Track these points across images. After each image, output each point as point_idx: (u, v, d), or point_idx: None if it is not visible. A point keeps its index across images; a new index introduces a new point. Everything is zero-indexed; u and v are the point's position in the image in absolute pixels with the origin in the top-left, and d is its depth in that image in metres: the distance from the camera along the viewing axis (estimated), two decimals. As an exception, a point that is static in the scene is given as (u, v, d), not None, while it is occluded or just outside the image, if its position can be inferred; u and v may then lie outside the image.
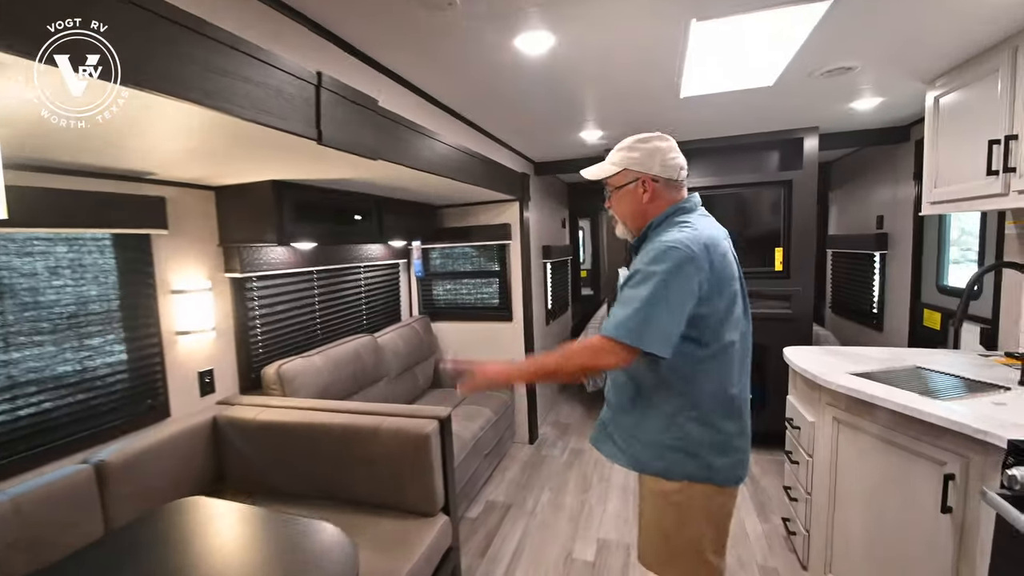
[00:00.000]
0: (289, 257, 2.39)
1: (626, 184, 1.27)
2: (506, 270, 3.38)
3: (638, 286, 1.11)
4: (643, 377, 1.22)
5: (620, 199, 1.30)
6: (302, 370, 2.25)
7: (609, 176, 1.31)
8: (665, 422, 1.20)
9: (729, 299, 1.19)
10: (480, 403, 2.99)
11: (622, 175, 1.28)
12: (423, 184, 2.46)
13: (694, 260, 1.11)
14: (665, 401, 1.20)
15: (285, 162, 1.68)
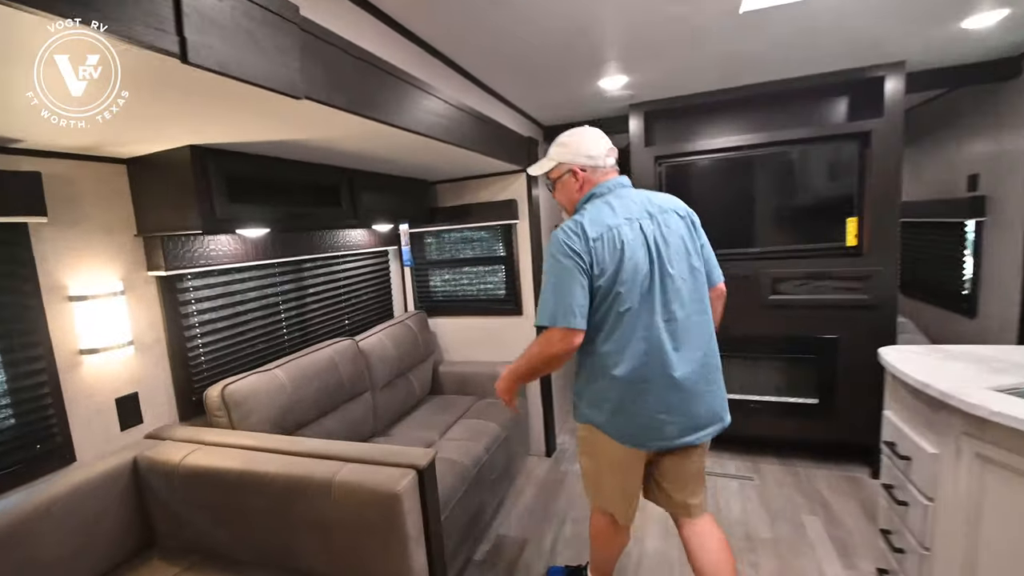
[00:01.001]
0: (237, 248, 1.91)
1: (561, 176, 1.47)
2: (513, 255, 2.86)
3: (546, 274, 1.33)
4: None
5: (559, 191, 1.50)
6: (255, 390, 1.78)
7: (548, 170, 1.50)
8: (584, 378, 1.42)
9: (618, 272, 1.29)
10: (486, 416, 2.51)
11: (557, 169, 1.47)
12: (410, 152, 1.97)
13: (569, 244, 1.30)
14: (584, 361, 1.40)
15: (198, 116, 1.19)
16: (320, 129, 1.46)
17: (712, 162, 2.72)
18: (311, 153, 1.82)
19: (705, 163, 2.74)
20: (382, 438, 2.33)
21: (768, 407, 2.74)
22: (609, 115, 2.95)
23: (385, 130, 1.52)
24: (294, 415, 1.90)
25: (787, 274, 2.60)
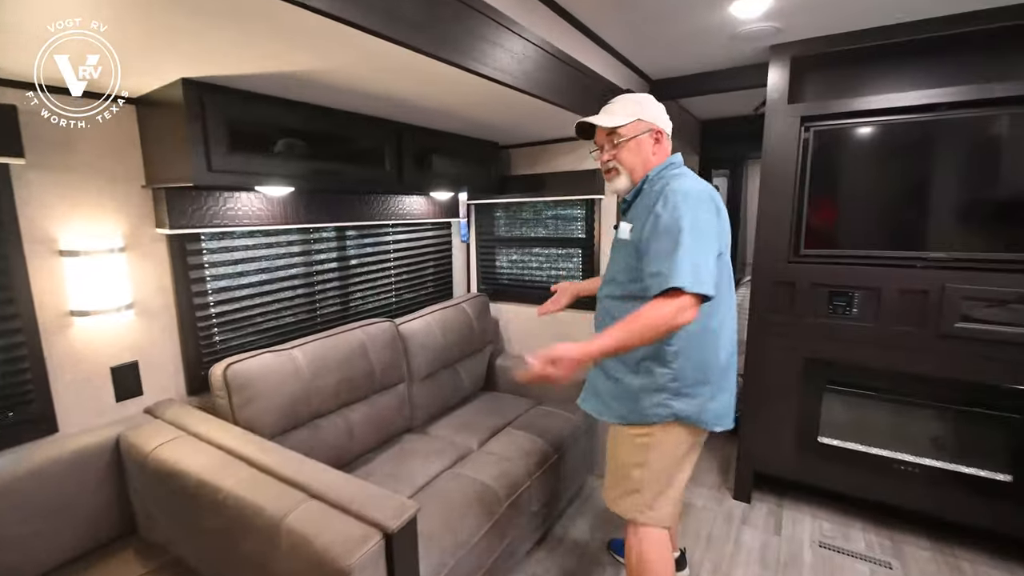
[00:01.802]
0: (263, 209, 1.67)
1: (638, 135, 1.32)
2: (594, 238, 2.36)
3: (681, 231, 1.12)
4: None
5: (631, 149, 1.32)
6: (263, 371, 1.55)
7: (622, 125, 1.32)
8: (681, 363, 1.26)
9: (720, 250, 1.23)
10: (539, 428, 2.09)
11: (634, 125, 1.32)
12: (477, 103, 1.64)
13: (715, 201, 1.24)
14: (686, 342, 1.25)
15: (193, 36, 0.92)
16: (350, 60, 1.14)
17: (879, 129, 1.94)
18: (344, 98, 1.50)
19: (868, 130, 1.97)
20: (414, 436, 2.04)
21: (927, 473, 1.98)
22: (741, 62, 2.26)
23: (444, 71, 1.24)
24: (309, 404, 1.65)
25: (981, 293, 1.80)
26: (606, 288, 1.39)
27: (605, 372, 1.37)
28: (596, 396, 1.41)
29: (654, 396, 1.27)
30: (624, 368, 1.31)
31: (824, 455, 2.16)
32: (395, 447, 1.94)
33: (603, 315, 1.39)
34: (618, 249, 1.35)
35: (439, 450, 1.90)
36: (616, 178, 1.34)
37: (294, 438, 1.63)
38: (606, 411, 1.38)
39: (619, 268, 1.33)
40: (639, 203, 1.30)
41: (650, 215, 1.20)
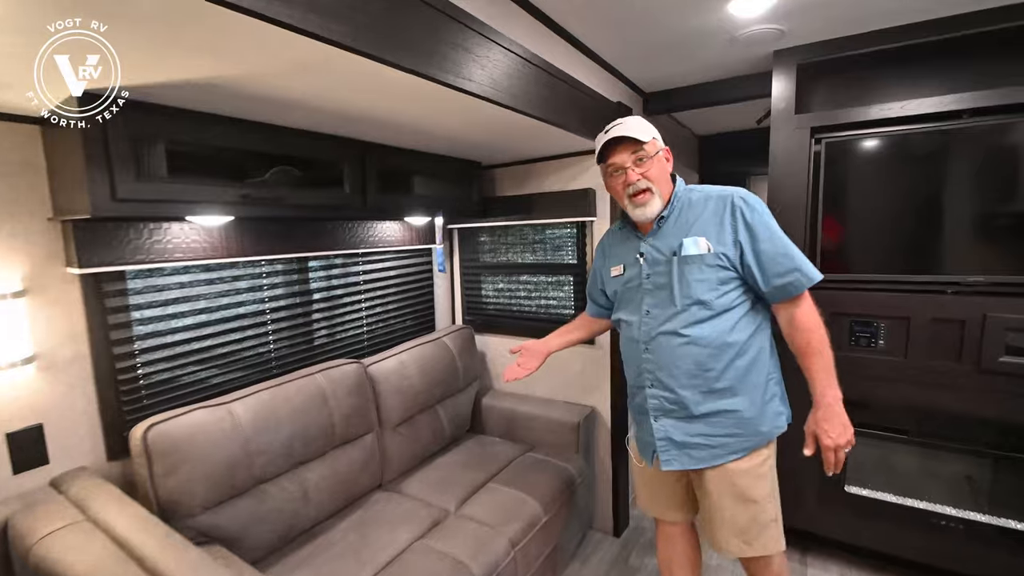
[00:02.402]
0: (202, 240, 1.45)
1: (657, 152, 1.28)
2: (586, 264, 2.14)
3: (780, 233, 1.21)
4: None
5: (655, 167, 1.27)
6: (193, 432, 1.31)
7: (649, 140, 1.26)
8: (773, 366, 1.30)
9: None
10: (528, 483, 1.84)
11: (653, 143, 1.28)
12: (452, 120, 1.50)
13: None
14: (768, 346, 1.30)
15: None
16: (273, 65, 0.94)
17: (898, 139, 1.74)
18: (288, 114, 1.30)
19: (886, 140, 1.76)
20: (385, 495, 1.78)
21: (968, 528, 1.72)
22: (742, 71, 2.08)
23: (411, 84, 1.08)
24: (250, 468, 1.41)
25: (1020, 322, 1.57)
26: (680, 318, 1.23)
27: (698, 414, 1.24)
28: (694, 447, 1.26)
29: (769, 406, 1.25)
30: (725, 394, 1.23)
31: (852, 506, 1.90)
32: (360, 510, 1.68)
33: (680, 354, 1.24)
34: (685, 270, 1.23)
35: (410, 514, 1.65)
36: (651, 200, 1.25)
37: (232, 510, 1.38)
38: (715, 454, 1.25)
39: (702, 288, 1.21)
40: (678, 220, 1.27)
41: (722, 224, 1.21)
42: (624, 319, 1.36)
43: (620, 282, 1.37)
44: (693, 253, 1.21)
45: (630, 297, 1.34)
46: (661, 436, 1.29)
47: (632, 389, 1.39)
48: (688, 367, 1.23)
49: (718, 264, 1.20)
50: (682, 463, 1.28)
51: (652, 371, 1.28)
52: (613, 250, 1.44)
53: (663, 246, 1.27)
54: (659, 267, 1.27)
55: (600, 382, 2.17)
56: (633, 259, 1.33)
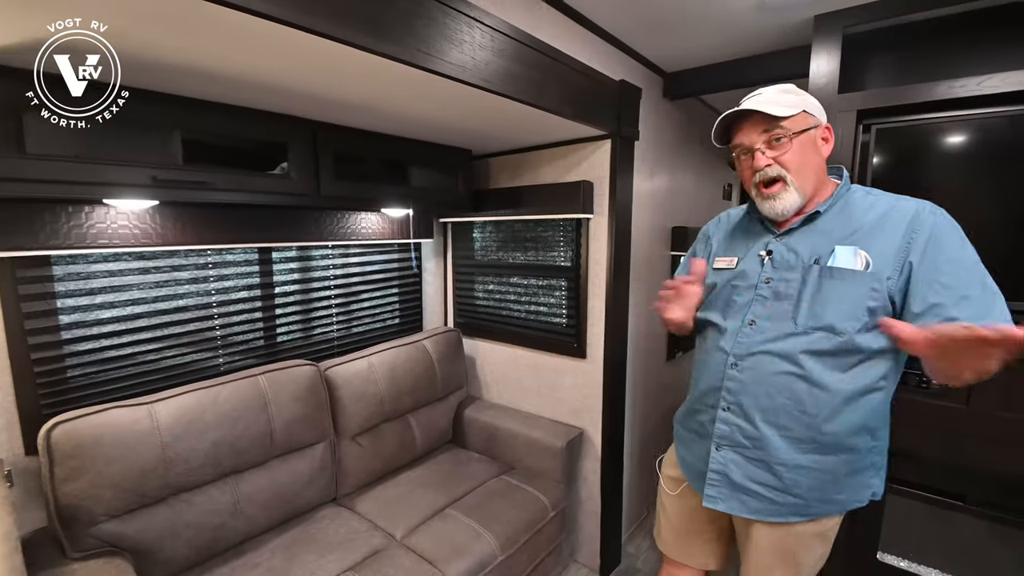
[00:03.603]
0: (134, 226, 1.35)
1: (808, 130, 0.99)
2: (581, 267, 1.88)
3: (983, 270, 0.90)
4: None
5: (797, 150, 0.98)
6: (103, 433, 1.21)
7: (789, 116, 0.97)
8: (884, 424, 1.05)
9: None
10: (494, 511, 1.63)
11: (804, 118, 0.99)
12: (432, 103, 1.37)
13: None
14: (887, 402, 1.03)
15: None
16: (215, 41, 0.87)
17: (973, 125, 1.36)
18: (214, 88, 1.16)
19: (956, 127, 1.39)
20: (334, 511, 1.63)
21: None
22: (776, 44, 1.75)
23: (364, 61, 0.99)
24: (167, 476, 1.29)
25: None
26: (791, 343, 0.97)
27: (773, 461, 1.00)
28: (751, 495, 1.03)
29: (860, 476, 1.01)
30: (817, 450, 0.97)
31: (886, 580, 1.55)
32: (301, 527, 1.54)
33: (780, 385, 0.98)
34: (826, 285, 0.96)
35: (351, 538, 1.49)
36: (782, 193, 0.98)
37: (143, 520, 1.27)
38: (774, 511, 1.02)
39: (841, 312, 0.94)
40: (834, 221, 0.99)
41: (895, 238, 0.92)
42: (714, 322, 1.10)
43: (725, 277, 1.10)
44: (847, 267, 0.94)
45: (732, 299, 1.07)
46: (717, 468, 1.06)
47: (695, 404, 1.14)
48: (785, 403, 0.97)
49: (873, 288, 0.92)
50: (729, 507, 1.06)
51: (735, 393, 1.03)
52: (728, 236, 1.17)
53: (803, 248, 0.99)
54: (789, 273, 1.00)
55: (593, 401, 1.91)
56: (754, 255, 1.06)
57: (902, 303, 0.91)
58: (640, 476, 2.22)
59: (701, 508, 1.14)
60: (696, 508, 1.17)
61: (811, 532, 1.03)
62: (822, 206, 1.00)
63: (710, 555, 1.24)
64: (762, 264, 1.04)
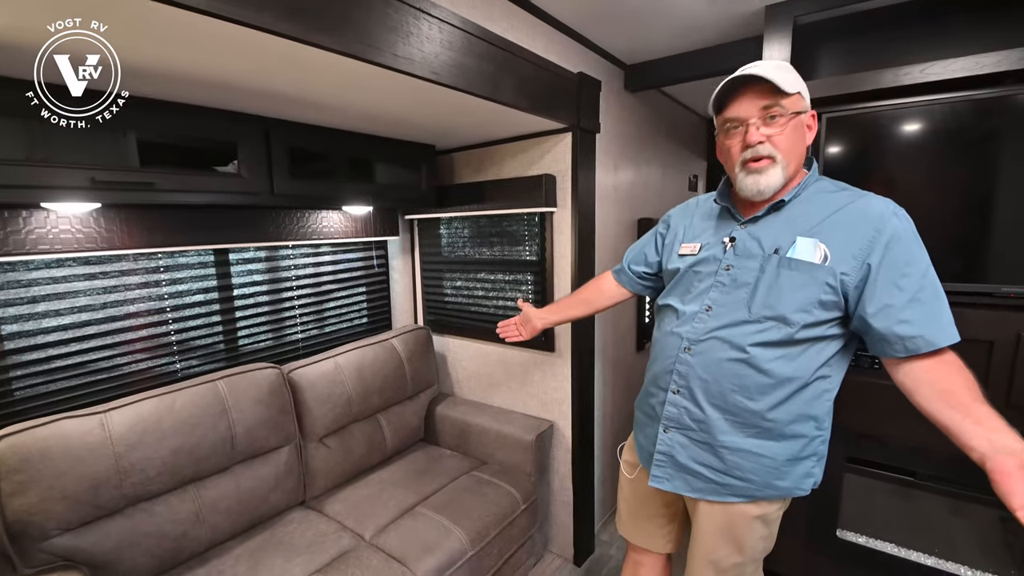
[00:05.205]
0: (79, 230, 1.30)
1: (800, 114, 0.97)
2: (545, 260, 1.89)
3: (928, 276, 0.91)
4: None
5: (794, 131, 0.97)
6: (52, 446, 1.17)
7: (793, 94, 0.95)
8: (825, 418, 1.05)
9: None
10: (463, 508, 1.63)
11: (798, 99, 0.97)
12: (383, 97, 1.34)
13: None
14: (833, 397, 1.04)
15: None
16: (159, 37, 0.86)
17: (921, 112, 1.40)
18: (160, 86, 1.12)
19: (905, 114, 1.43)
20: (302, 514, 1.61)
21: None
22: (732, 35, 1.76)
23: (316, 58, 1.00)
24: (122, 487, 1.25)
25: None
26: (742, 330, 0.99)
27: (716, 443, 1.02)
28: (695, 475, 1.06)
29: (802, 464, 1.02)
30: (760, 435, 1.00)
31: (845, 555, 1.60)
32: (267, 532, 1.52)
33: (728, 371, 1.00)
34: (784, 275, 0.96)
35: (319, 540, 1.47)
36: (769, 169, 0.96)
37: (99, 532, 1.24)
38: (716, 490, 1.05)
39: (793, 303, 0.95)
40: (797, 212, 1.00)
41: (856, 235, 0.93)
42: (674, 307, 1.11)
43: (688, 262, 1.11)
44: (804, 259, 0.94)
45: (693, 285, 1.08)
46: (663, 450, 1.10)
47: (649, 388, 1.16)
48: (731, 387, 1.00)
49: (827, 283, 0.92)
50: (674, 486, 1.09)
51: (685, 376, 1.05)
52: (694, 222, 1.17)
53: (765, 238, 1.00)
54: (748, 262, 1.01)
55: (562, 394, 1.92)
56: (717, 241, 1.07)
57: (856, 301, 0.93)
58: (612, 466, 2.25)
59: (656, 492, 1.17)
60: (651, 492, 1.20)
61: (753, 514, 1.05)
62: (788, 195, 1.00)
63: (667, 538, 1.27)
64: (724, 251, 1.05)
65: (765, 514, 1.05)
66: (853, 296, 0.93)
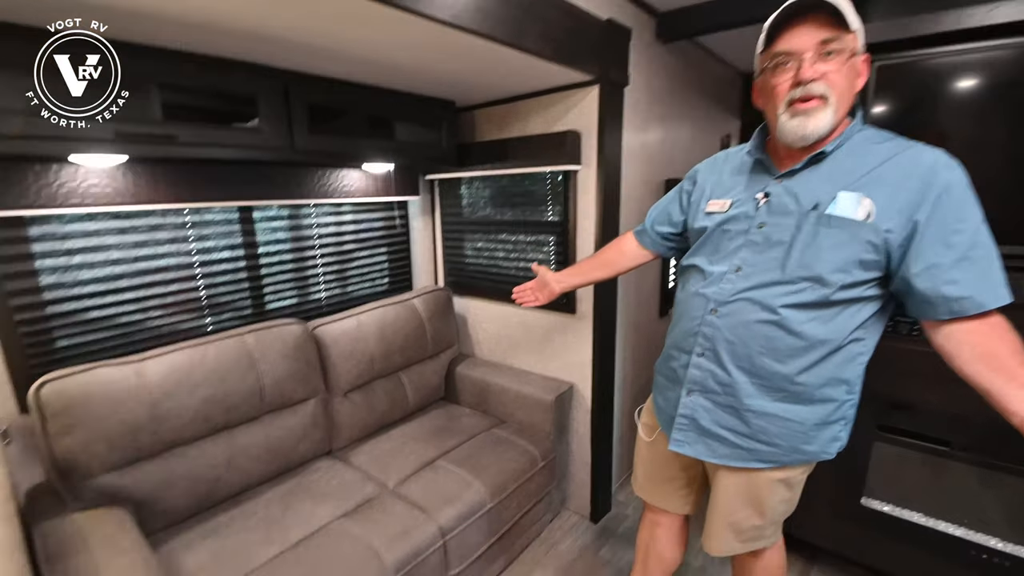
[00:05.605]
0: (108, 184, 1.32)
1: (856, 54, 0.88)
2: (568, 221, 1.84)
3: (982, 232, 0.83)
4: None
5: (844, 71, 0.87)
6: (92, 391, 1.23)
7: (855, 30, 0.86)
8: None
9: None
10: (482, 463, 1.67)
11: (855, 38, 0.87)
12: (404, 46, 1.27)
13: None
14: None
15: None
16: None
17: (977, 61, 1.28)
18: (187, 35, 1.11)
19: (965, 62, 1.30)
20: (329, 463, 1.67)
21: (1018, 567, 1.37)
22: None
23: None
24: (159, 432, 1.32)
25: None
26: (774, 291, 0.94)
27: (742, 407, 1.00)
28: (718, 440, 1.05)
29: (830, 428, 0.99)
30: (788, 399, 0.97)
31: (869, 523, 1.58)
32: (296, 478, 1.59)
33: (757, 333, 0.96)
34: (822, 233, 0.90)
35: (345, 488, 1.53)
36: (818, 112, 0.87)
37: (139, 473, 1.31)
38: (739, 456, 1.03)
39: (832, 263, 0.89)
40: (840, 164, 0.92)
41: (904, 188, 0.85)
42: (700, 267, 1.06)
43: (716, 220, 1.04)
44: (845, 215, 0.87)
45: (722, 244, 1.03)
46: (685, 413, 1.08)
47: (670, 351, 1.13)
48: (759, 350, 0.96)
49: (869, 241, 0.86)
50: (695, 451, 1.08)
51: (710, 338, 1.01)
52: (723, 178, 1.10)
53: (803, 193, 0.93)
54: (783, 219, 0.94)
55: (582, 356, 1.92)
56: (749, 198, 1.01)
57: (899, 260, 0.87)
58: (630, 428, 2.25)
59: (674, 455, 1.16)
60: (669, 455, 1.19)
61: (776, 477, 1.04)
62: (830, 145, 0.92)
63: (684, 500, 1.27)
64: (757, 208, 0.99)
65: (789, 477, 1.04)
66: (897, 255, 0.87)
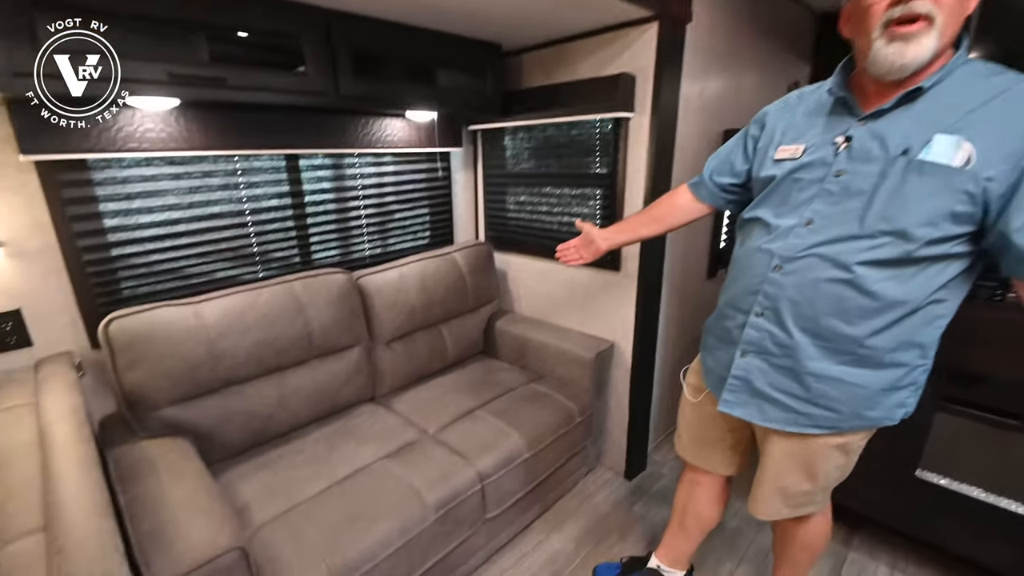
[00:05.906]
0: (162, 129, 1.35)
1: None
2: (617, 173, 1.76)
3: None
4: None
5: None
6: (155, 329, 1.30)
7: None
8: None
9: None
10: (521, 415, 1.68)
11: None
12: None
13: None
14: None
15: None
16: None
17: None
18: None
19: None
20: (372, 408, 1.74)
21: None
22: None
23: None
24: (216, 370, 1.39)
25: None
26: (849, 246, 0.86)
27: (802, 370, 0.94)
28: (772, 403, 1.00)
29: (898, 394, 0.93)
30: (854, 362, 0.90)
31: (921, 495, 1.52)
32: (341, 420, 1.66)
33: (826, 292, 0.88)
34: (911, 181, 0.80)
35: (387, 432, 1.59)
36: (921, 35, 0.76)
37: (199, 407, 1.39)
38: (795, 420, 0.98)
39: (920, 215, 0.80)
40: (937, 102, 0.80)
41: (1012, 128, 0.74)
42: (764, 220, 0.97)
43: (786, 168, 0.95)
44: (940, 161, 0.77)
45: (791, 195, 0.93)
46: (739, 374, 1.02)
47: (725, 310, 1.07)
48: (826, 310, 0.88)
49: (966, 191, 0.76)
50: (747, 413, 1.03)
51: (772, 297, 0.94)
52: (796, 120, 0.99)
53: (891, 136, 0.82)
54: (866, 167, 0.84)
55: (624, 315, 1.87)
56: (827, 142, 0.90)
57: (998, 212, 0.76)
58: (671, 389, 2.22)
59: (720, 417, 1.12)
60: (716, 417, 1.15)
61: (834, 443, 0.99)
62: (928, 80, 0.80)
63: (728, 463, 1.24)
64: (836, 153, 0.88)
65: (847, 443, 0.99)
66: (996, 207, 0.77)
